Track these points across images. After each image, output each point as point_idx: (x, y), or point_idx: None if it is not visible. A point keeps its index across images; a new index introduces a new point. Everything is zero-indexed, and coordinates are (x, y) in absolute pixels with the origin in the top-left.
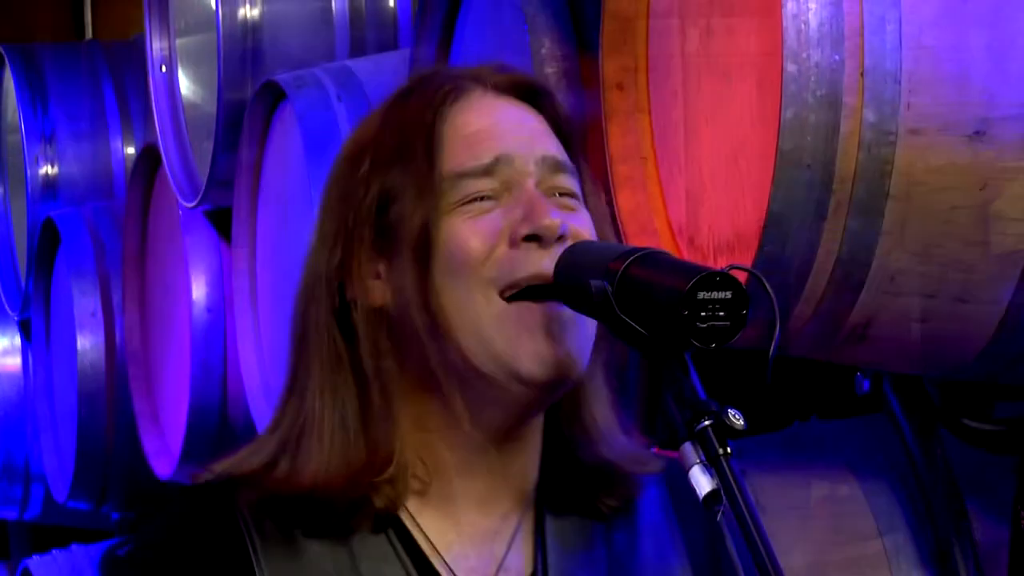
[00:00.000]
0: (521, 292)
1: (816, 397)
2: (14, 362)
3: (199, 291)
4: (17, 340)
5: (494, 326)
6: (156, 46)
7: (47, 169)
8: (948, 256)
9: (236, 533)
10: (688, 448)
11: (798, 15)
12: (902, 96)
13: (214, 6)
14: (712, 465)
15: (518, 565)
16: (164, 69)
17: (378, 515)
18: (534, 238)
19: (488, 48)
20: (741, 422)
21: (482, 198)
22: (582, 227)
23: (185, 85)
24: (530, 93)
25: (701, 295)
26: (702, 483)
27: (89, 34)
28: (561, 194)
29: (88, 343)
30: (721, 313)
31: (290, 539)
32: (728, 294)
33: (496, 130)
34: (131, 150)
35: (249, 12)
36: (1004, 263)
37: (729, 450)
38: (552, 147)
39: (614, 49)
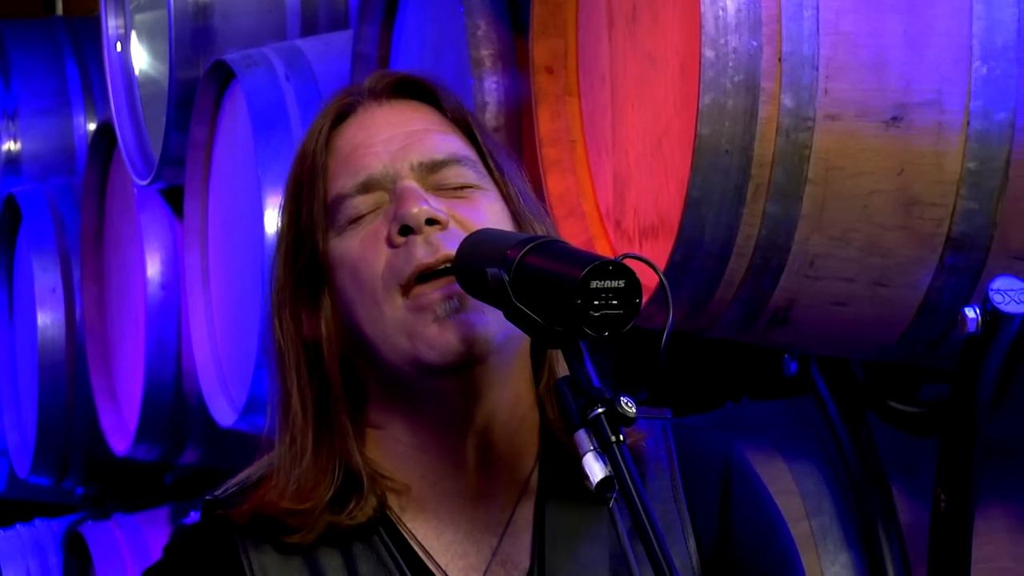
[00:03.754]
0: (422, 276)
1: (747, 379)
2: None
3: (153, 268)
4: None
5: (397, 327)
6: (111, 24)
7: (10, 145)
8: (866, 240)
9: (231, 549)
10: (582, 435)
11: (716, 1)
12: (820, 82)
13: None
14: (605, 452)
15: (515, 556)
16: (120, 47)
17: (364, 524)
18: (406, 230)
19: (427, 29)
20: (633, 410)
21: (366, 214)
22: (468, 213)
23: (145, 60)
24: (416, 91)
25: (594, 284)
26: (595, 470)
27: (59, 10)
28: (451, 187)
29: (48, 319)
30: (615, 302)
31: (287, 553)
32: (621, 283)
33: (369, 146)
34: (93, 126)
35: None
36: (923, 247)
37: (622, 437)
38: (433, 146)
39: (544, 33)
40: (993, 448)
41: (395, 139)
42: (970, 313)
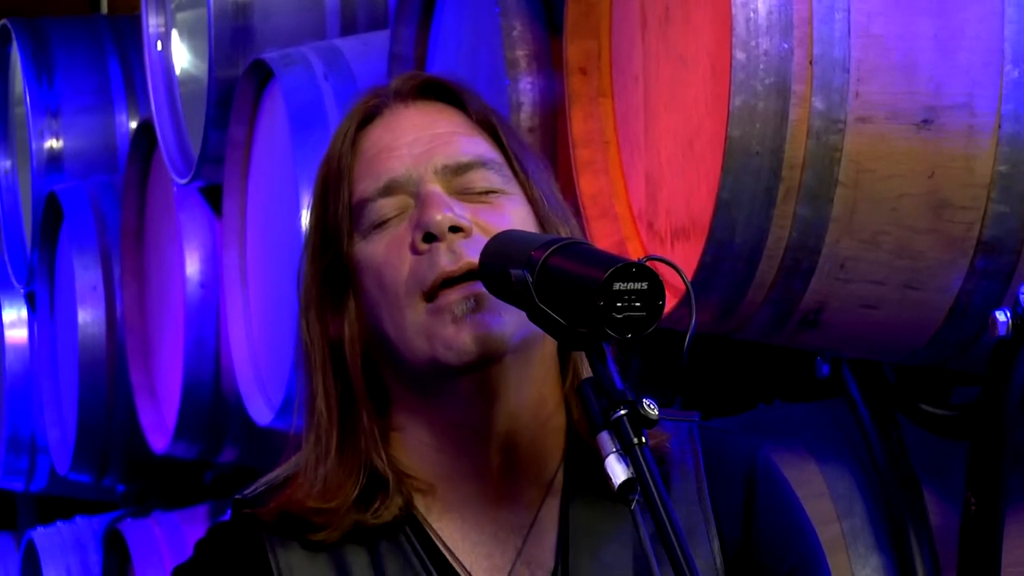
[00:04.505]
0: (445, 283)
1: (779, 381)
2: (21, 335)
3: (193, 267)
4: (24, 313)
5: (417, 330)
6: (152, 22)
7: (52, 143)
8: (897, 243)
9: (259, 547)
10: (605, 437)
11: (747, 3)
12: (850, 84)
13: None
14: (627, 454)
15: (539, 556)
16: (160, 46)
17: (390, 523)
18: (430, 237)
19: (464, 30)
20: (655, 412)
21: (390, 218)
22: (493, 219)
23: (186, 59)
24: (442, 93)
25: (617, 286)
26: (617, 472)
27: (104, 8)
28: (476, 192)
29: (89, 317)
30: (637, 304)
31: (314, 550)
32: (644, 285)
33: (394, 148)
34: (135, 124)
35: None
36: (953, 251)
37: (644, 439)
38: (457, 149)
39: (577, 33)
40: (1022, 452)
41: (419, 142)
42: (1000, 316)
